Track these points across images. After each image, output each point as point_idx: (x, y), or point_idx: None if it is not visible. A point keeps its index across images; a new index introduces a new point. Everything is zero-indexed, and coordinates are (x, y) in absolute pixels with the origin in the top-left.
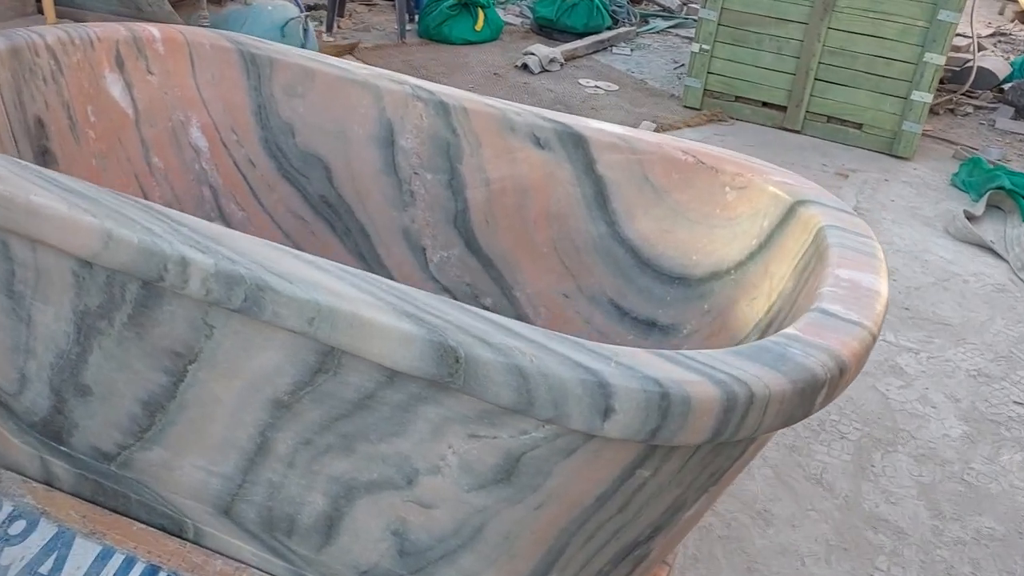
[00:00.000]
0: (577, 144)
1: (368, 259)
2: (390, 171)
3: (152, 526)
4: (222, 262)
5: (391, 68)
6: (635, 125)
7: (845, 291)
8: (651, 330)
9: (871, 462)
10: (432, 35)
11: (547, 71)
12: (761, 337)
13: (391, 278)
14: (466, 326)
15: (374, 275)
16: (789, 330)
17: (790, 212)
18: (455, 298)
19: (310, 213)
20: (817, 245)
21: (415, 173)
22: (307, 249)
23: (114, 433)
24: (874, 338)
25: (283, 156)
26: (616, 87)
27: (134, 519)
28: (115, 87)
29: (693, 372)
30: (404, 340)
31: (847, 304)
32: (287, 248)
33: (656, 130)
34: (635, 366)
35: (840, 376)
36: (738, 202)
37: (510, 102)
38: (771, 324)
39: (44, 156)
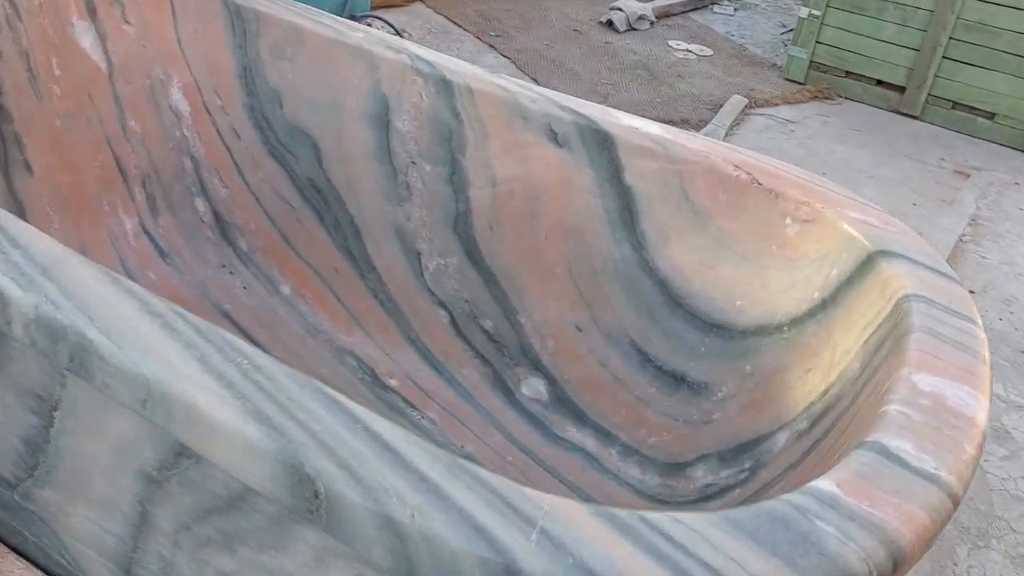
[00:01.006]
0: (602, 145)
1: (357, 257)
2: (384, 157)
3: (48, 574)
4: (44, 306)
5: (462, 18)
6: (725, 97)
7: (922, 415)
8: (678, 386)
9: (953, 559)
10: None
11: (634, 30)
12: (813, 427)
13: (381, 282)
14: (334, 444)
15: (236, 341)
16: (823, 483)
17: (867, 264)
18: (451, 315)
19: (297, 198)
20: (896, 322)
21: (412, 162)
22: (293, 240)
23: (7, 463)
24: (955, 503)
25: (269, 128)
26: (710, 52)
27: (31, 562)
28: (85, 37)
29: (653, 559)
30: (250, 452)
31: (921, 439)
32: (134, 287)
33: (749, 105)
34: (567, 543)
35: (893, 571)
36: (801, 239)
37: (525, 84)
38: (826, 413)
39: None
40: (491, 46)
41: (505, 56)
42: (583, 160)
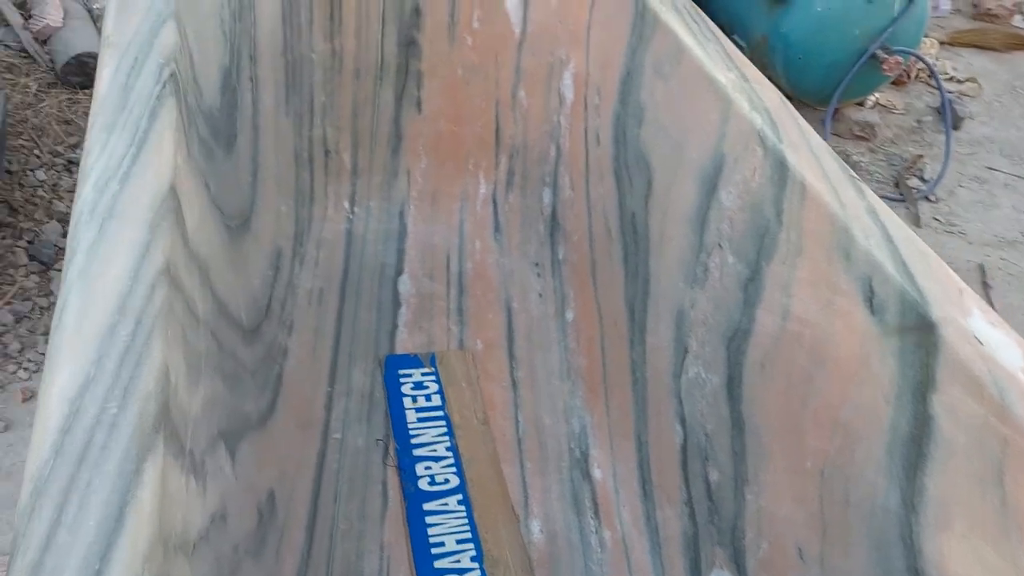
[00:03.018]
0: (922, 341)
1: (636, 319)
2: (697, 226)
3: None
4: None
5: None
6: None
7: None
8: None
9: None
10: None
11: None
12: None
13: (643, 361)
14: None
15: None
16: None
17: None
18: (685, 440)
19: (616, 228)
20: None
21: (719, 245)
22: (598, 269)
23: None
24: None
25: (623, 146)
26: None
27: None
28: None
29: None
30: None
31: None
32: None
33: None
34: None
35: None
36: None
37: (874, 203)
38: None
39: (408, 47)
40: None
41: None
42: (893, 346)
